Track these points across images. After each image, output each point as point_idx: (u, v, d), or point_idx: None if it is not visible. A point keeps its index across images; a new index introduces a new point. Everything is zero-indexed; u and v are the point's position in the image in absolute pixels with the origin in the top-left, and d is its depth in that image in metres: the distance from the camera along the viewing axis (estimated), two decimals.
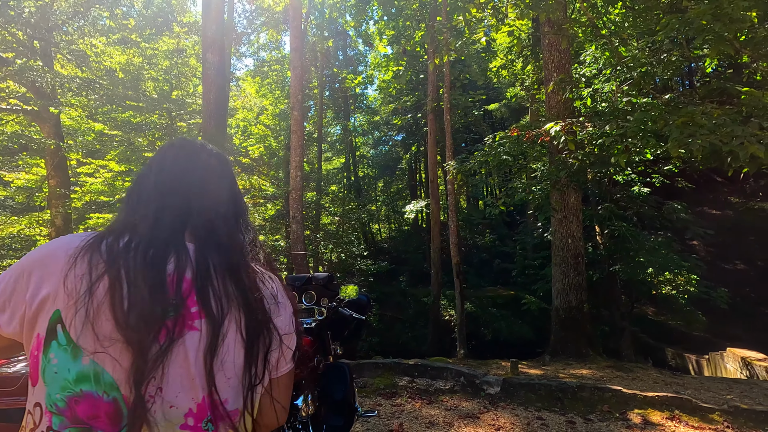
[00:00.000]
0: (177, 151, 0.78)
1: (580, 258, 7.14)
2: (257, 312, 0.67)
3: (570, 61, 7.12)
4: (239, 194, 0.82)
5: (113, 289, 0.58)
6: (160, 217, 0.68)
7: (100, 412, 0.57)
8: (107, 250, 0.62)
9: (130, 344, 0.57)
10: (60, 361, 0.57)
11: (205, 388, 0.61)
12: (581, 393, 3.65)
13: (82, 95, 9.78)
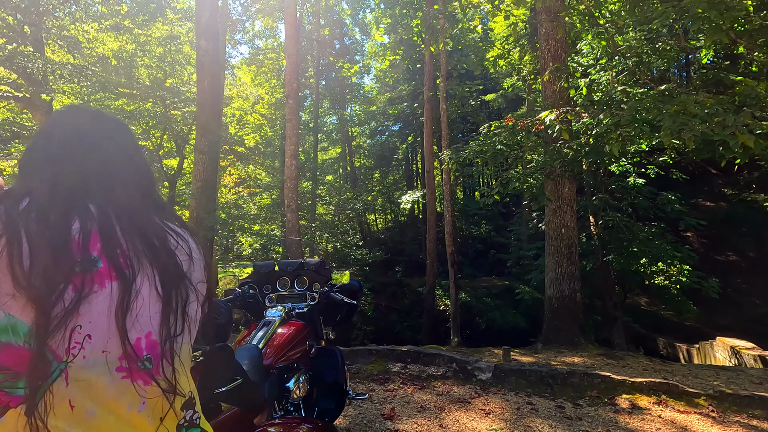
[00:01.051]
0: (66, 118, 0.78)
1: (574, 248, 7.19)
2: (170, 267, 0.70)
3: (566, 51, 7.09)
4: (140, 158, 0.82)
5: (11, 248, 0.58)
6: (57, 182, 0.68)
7: (24, 359, 0.57)
8: (5, 213, 0.61)
9: (32, 302, 0.58)
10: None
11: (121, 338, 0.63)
12: (571, 379, 3.71)
13: (74, 82, 9.64)
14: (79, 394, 0.59)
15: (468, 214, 21.07)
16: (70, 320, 0.59)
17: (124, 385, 0.62)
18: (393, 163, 24.52)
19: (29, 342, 0.58)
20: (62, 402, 0.58)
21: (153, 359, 0.65)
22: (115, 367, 0.62)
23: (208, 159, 8.23)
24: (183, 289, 0.71)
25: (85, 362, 0.60)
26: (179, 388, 0.68)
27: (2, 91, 8.72)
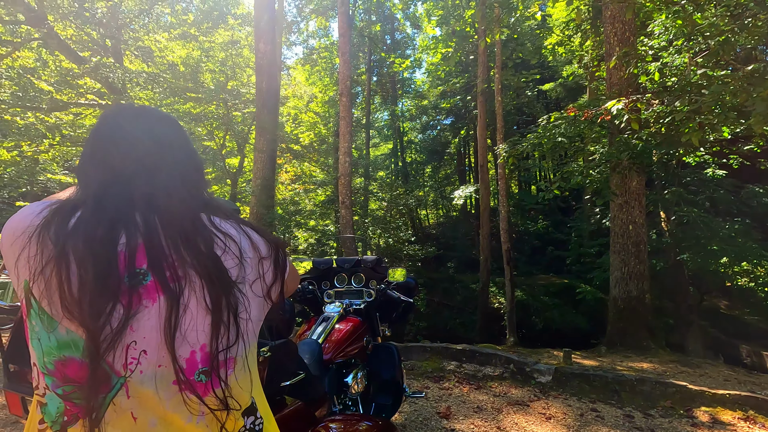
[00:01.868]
0: (110, 119, 0.74)
1: (642, 245, 6.69)
2: (217, 277, 0.65)
3: (635, 33, 6.57)
4: (185, 153, 0.76)
5: (59, 272, 0.58)
6: (102, 192, 0.66)
7: (87, 373, 0.59)
8: (54, 233, 0.61)
9: (81, 326, 0.58)
10: (40, 329, 0.61)
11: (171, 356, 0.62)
12: (641, 386, 3.46)
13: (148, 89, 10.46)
14: (139, 406, 0.61)
15: (524, 209, 20.31)
16: (122, 338, 0.60)
17: (181, 398, 0.62)
18: (445, 157, 24.17)
19: (86, 357, 0.59)
20: (125, 414, 0.60)
21: (210, 372, 0.64)
22: (171, 381, 0.62)
23: (267, 157, 8.59)
24: (232, 298, 0.67)
25: (142, 377, 0.60)
26: (233, 401, 0.66)
27: (88, 100, 9.66)
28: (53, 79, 9.90)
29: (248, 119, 11.35)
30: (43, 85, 9.57)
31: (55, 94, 9.42)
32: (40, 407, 0.63)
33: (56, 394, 0.60)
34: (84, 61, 8.80)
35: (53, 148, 9.45)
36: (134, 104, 0.79)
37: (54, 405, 0.61)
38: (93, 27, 9.56)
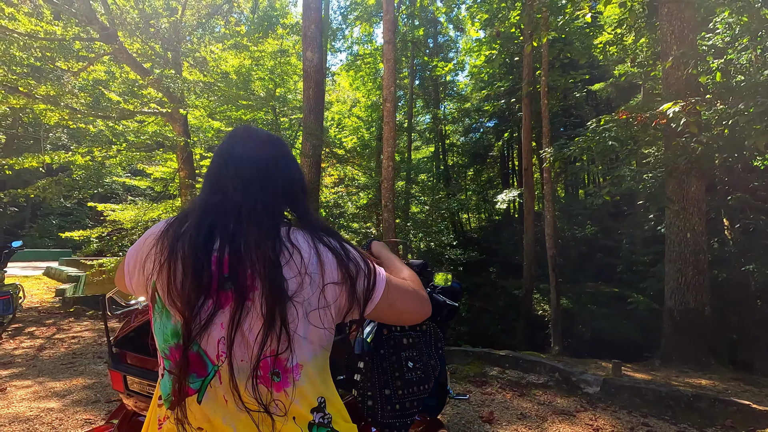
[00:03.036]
0: (228, 141, 0.85)
1: (702, 255, 6.29)
2: (275, 288, 0.70)
3: (694, 31, 6.21)
4: (280, 170, 0.84)
5: (169, 271, 0.71)
6: (206, 204, 0.78)
7: (192, 359, 0.71)
8: (172, 234, 0.74)
9: (180, 312, 0.70)
10: (161, 320, 0.73)
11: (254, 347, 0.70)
12: (698, 403, 3.29)
13: (203, 97, 11.13)
14: (228, 392, 0.70)
15: (570, 214, 19.57)
16: (212, 331, 0.70)
17: (261, 389, 0.70)
18: (488, 160, 23.79)
19: (193, 347, 0.71)
20: (218, 397, 0.71)
21: (281, 373, 0.71)
22: (249, 377, 0.70)
23: (312, 162, 8.88)
24: (285, 312, 0.70)
25: (231, 369, 0.69)
26: (299, 400, 0.73)
27: (151, 108, 10.41)
28: (121, 90, 10.78)
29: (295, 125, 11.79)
30: (112, 96, 10.44)
31: (123, 104, 10.24)
32: (159, 387, 0.76)
33: (171, 373, 0.72)
34: (148, 73, 9.51)
35: (120, 153, 10.26)
36: (249, 127, 0.89)
37: (165, 385, 0.73)
38: (156, 41, 10.31)
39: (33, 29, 8.40)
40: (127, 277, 0.83)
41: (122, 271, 0.86)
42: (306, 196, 0.89)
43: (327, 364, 0.80)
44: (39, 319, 6.89)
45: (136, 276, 0.80)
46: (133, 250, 0.82)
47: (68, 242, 19.81)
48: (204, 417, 0.71)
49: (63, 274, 11.56)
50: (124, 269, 0.84)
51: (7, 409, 3.23)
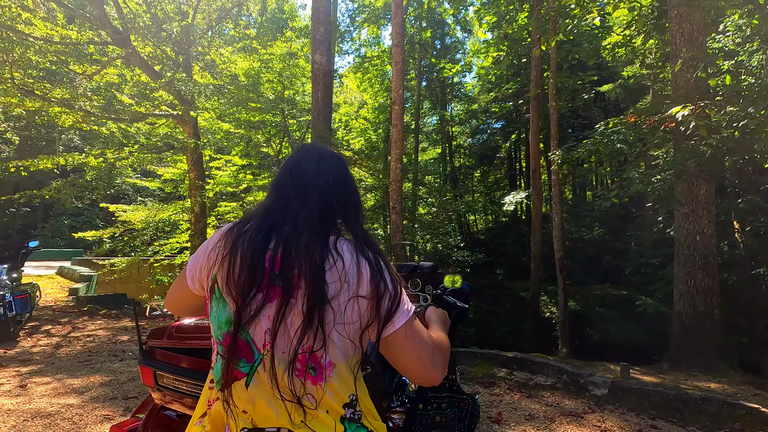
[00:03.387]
0: (295, 156, 0.97)
1: (711, 258, 6.27)
2: (316, 290, 0.76)
3: (704, 33, 6.19)
4: (333, 184, 0.92)
5: (229, 263, 0.80)
6: (269, 209, 0.88)
7: (242, 345, 0.78)
8: (235, 233, 0.84)
9: (233, 300, 0.78)
10: (216, 309, 0.81)
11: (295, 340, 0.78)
12: (706, 406, 3.31)
13: (213, 100, 11.27)
14: (270, 379, 0.77)
15: (578, 216, 19.46)
16: (260, 322, 0.77)
17: (296, 381, 0.76)
18: (495, 162, 23.73)
19: (242, 334, 0.78)
20: (263, 382, 0.77)
21: (317, 368, 0.77)
22: (286, 368, 0.76)
23: None
24: (323, 312, 0.76)
25: (272, 358, 0.76)
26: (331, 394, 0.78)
27: (162, 111, 10.57)
28: (133, 93, 10.96)
29: (303, 126, 11.89)
30: (124, 98, 10.62)
31: (135, 107, 10.41)
32: (212, 371, 0.83)
33: (223, 357, 0.80)
34: (159, 76, 9.66)
35: (131, 155, 10.42)
36: (315, 144, 1.00)
37: (218, 368, 0.80)
38: (167, 44, 10.47)
39: (48, 33, 8.58)
40: (189, 277, 0.90)
41: (180, 284, 0.94)
42: (358, 211, 0.96)
43: (359, 368, 0.85)
44: (54, 318, 7.04)
45: (198, 271, 0.88)
46: (200, 249, 0.90)
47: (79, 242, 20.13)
48: (249, 400, 0.77)
49: (75, 274, 11.76)
50: (185, 275, 0.92)
51: (29, 404, 3.33)
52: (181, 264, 11.01)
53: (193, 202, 10.52)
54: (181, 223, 11.59)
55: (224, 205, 12.07)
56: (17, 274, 5.88)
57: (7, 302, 5.20)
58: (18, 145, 22.85)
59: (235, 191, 12.97)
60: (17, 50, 8.06)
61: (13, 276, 5.73)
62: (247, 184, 12.56)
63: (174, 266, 11.13)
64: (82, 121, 9.67)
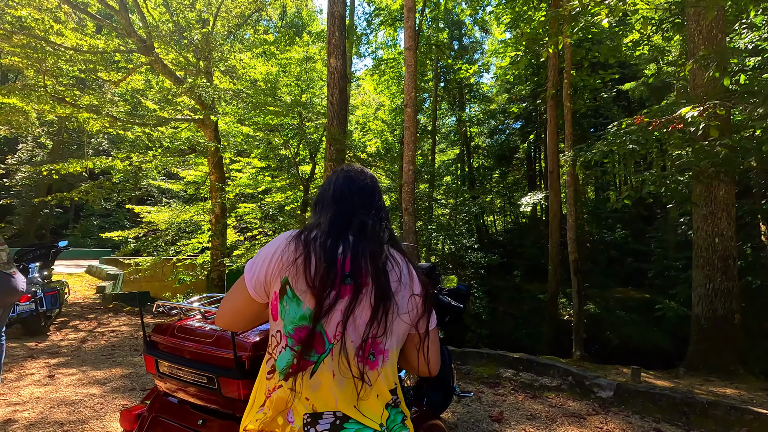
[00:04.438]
0: (344, 174, 1.11)
1: (731, 261, 6.10)
2: (383, 287, 0.92)
3: (724, 31, 6.05)
4: (383, 202, 1.12)
5: (305, 262, 0.91)
6: (334, 219, 1.00)
7: (315, 337, 0.90)
8: (303, 240, 0.95)
9: (314, 297, 0.90)
10: (290, 307, 0.92)
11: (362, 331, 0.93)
12: (713, 410, 3.26)
13: (233, 104, 11.58)
14: (337, 367, 0.89)
15: (599, 217, 19.09)
16: (334, 315, 0.90)
17: (359, 367, 0.90)
18: (514, 162, 23.51)
19: (315, 327, 0.90)
20: (328, 371, 0.89)
21: (375, 354, 0.93)
22: (355, 354, 0.90)
23: (336, 166, 9.11)
24: (388, 305, 0.92)
25: (341, 347, 0.89)
26: (385, 378, 0.95)
27: (184, 115, 10.94)
28: (157, 98, 11.38)
29: (320, 129, 12.07)
30: (149, 104, 11.04)
31: (159, 111, 10.81)
32: (270, 363, 0.94)
33: (292, 350, 0.91)
34: (181, 82, 10.01)
35: (156, 158, 10.82)
36: (356, 165, 1.17)
37: (285, 359, 0.91)
38: (189, 51, 10.83)
39: (78, 43, 9.01)
40: (252, 286, 0.98)
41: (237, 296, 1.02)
42: (389, 221, 1.14)
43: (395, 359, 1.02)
44: (82, 314, 7.40)
45: (265, 276, 0.96)
46: (261, 258, 0.98)
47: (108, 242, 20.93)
48: (313, 387, 0.90)
49: (103, 272, 12.28)
50: (244, 287, 1.00)
51: (56, 393, 3.56)
52: (202, 263, 11.36)
53: (214, 203, 10.84)
54: (203, 223, 11.94)
55: (243, 206, 12.39)
56: (48, 272, 6.22)
57: (38, 298, 5.52)
58: (51, 149, 23.96)
59: (254, 193, 13.29)
60: (50, 60, 8.50)
61: (44, 274, 6.07)
62: (266, 185, 12.85)
63: (195, 266, 11.48)
64: (110, 126, 10.10)
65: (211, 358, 1.30)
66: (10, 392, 3.52)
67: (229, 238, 11.65)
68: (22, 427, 2.88)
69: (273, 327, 0.96)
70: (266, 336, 1.34)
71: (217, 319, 1.08)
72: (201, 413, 1.39)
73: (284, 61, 12.29)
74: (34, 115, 9.83)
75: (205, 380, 1.28)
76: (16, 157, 23.28)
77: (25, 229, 23.04)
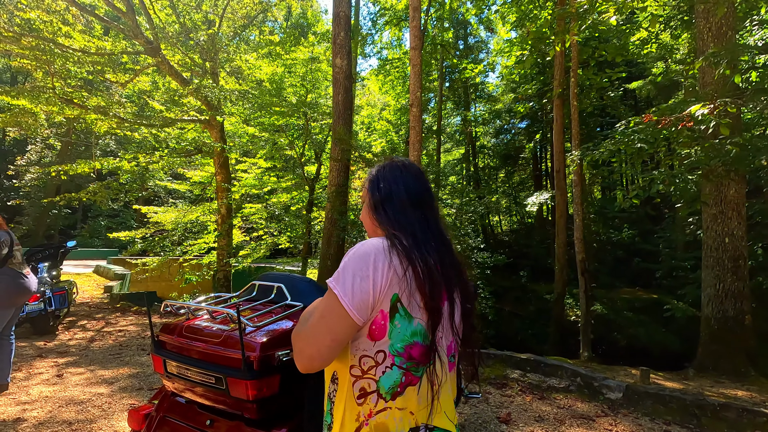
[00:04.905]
0: (415, 171, 1.04)
1: (742, 261, 6.03)
2: (468, 291, 0.96)
3: (734, 28, 5.97)
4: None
5: (416, 276, 0.86)
6: (419, 224, 0.96)
7: (423, 352, 0.88)
8: (401, 247, 0.88)
9: (431, 310, 0.88)
10: (401, 325, 0.87)
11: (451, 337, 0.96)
12: (725, 413, 3.22)
13: (239, 105, 11.62)
14: (436, 376, 0.90)
15: (606, 217, 18.94)
16: (441, 326, 0.91)
17: (448, 373, 0.95)
18: (520, 162, 23.39)
19: (426, 340, 0.88)
20: (428, 381, 0.90)
21: (454, 356, 0.98)
22: (447, 359, 0.94)
23: (341, 166, 9.12)
24: (471, 308, 0.97)
25: (439, 355, 0.91)
26: (451, 379, 0.97)
27: (190, 116, 11.00)
28: (163, 99, 11.44)
29: (325, 129, 12.09)
30: (155, 105, 11.11)
31: (165, 112, 10.87)
32: (361, 385, 0.88)
33: (400, 368, 0.87)
34: (187, 82, 10.06)
35: (162, 159, 10.88)
36: (410, 162, 1.07)
37: (391, 378, 0.87)
38: (195, 52, 10.89)
39: (86, 45, 9.08)
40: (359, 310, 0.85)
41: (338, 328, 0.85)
42: None
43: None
44: (90, 313, 7.46)
45: (374, 297, 0.85)
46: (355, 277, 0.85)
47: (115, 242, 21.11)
48: (419, 401, 0.89)
49: (111, 272, 12.37)
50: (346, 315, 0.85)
51: (64, 392, 3.58)
52: (208, 264, 11.40)
53: (220, 203, 10.88)
54: (209, 224, 12.00)
55: (249, 206, 12.42)
56: (56, 272, 6.27)
57: (47, 298, 5.57)
58: (59, 150, 24.19)
59: (260, 193, 13.32)
60: (58, 62, 8.58)
61: (53, 274, 6.12)
62: (271, 186, 12.88)
63: (201, 266, 11.53)
64: (117, 127, 10.17)
65: (219, 358, 1.29)
66: (19, 391, 3.55)
67: (235, 239, 11.70)
68: (31, 426, 2.90)
69: (370, 347, 0.87)
70: (274, 336, 1.33)
71: (306, 363, 0.87)
72: (209, 413, 1.39)
73: (289, 62, 12.33)
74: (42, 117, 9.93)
75: (213, 380, 1.27)
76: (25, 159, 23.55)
77: (34, 230, 23.29)
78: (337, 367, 0.92)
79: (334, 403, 0.92)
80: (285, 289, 1.66)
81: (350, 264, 0.86)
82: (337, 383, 0.92)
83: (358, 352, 0.88)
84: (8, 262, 3.27)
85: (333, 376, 0.93)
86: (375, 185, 1.02)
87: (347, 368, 0.89)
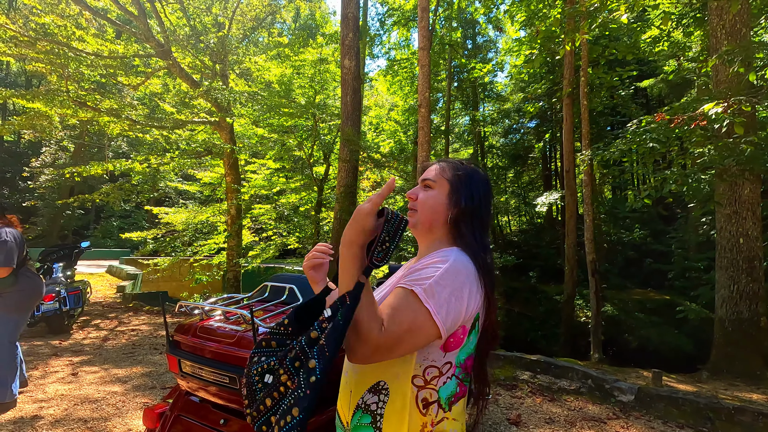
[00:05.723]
0: (487, 183, 1.05)
1: (757, 262, 5.93)
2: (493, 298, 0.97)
3: (748, 24, 5.88)
4: None
5: (490, 297, 0.92)
6: (489, 250, 0.98)
7: (473, 363, 0.94)
8: (487, 275, 0.91)
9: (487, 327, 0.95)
10: (473, 339, 0.92)
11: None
12: (740, 416, 3.17)
13: (248, 106, 11.72)
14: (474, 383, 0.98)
15: (617, 217, 18.74)
16: None
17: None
18: (529, 162, 23.24)
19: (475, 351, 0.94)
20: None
21: None
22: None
23: (349, 166, 9.14)
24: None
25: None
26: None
27: (200, 118, 11.11)
28: (174, 101, 11.58)
29: (333, 130, 12.13)
30: (166, 107, 11.24)
31: (176, 114, 11.00)
32: (423, 395, 0.87)
33: (457, 378, 0.90)
34: (198, 85, 10.16)
35: (173, 160, 11.01)
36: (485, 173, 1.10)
37: (449, 389, 0.89)
38: (205, 54, 11.01)
39: (99, 48, 9.23)
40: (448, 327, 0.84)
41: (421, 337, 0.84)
42: None
43: None
44: (103, 313, 7.57)
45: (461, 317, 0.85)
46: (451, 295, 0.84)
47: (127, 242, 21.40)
48: (465, 410, 0.95)
49: (123, 272, 12.55)
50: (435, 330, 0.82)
51: (79, 390, 3.65)
52: (218, 264, 11.51)
53: (230, 204, 10.98)
54: (219, 224, 12.11)
55: (258, 207, 12.51)
56: (71, 272, 6.38)
57: (62, 297, 5.67)
58: (73, 152, 24.61)
59: (269, 194, 13.41)
60: (72, 65, 8.73)
61: (68, 274, 6.23)
62: (280, 186, 12.96)
63: (211, 266, 11.64)
64: (129, 129, 10.32)
65: (232, 358, 1.31)
66: (36, 389, 3.62)
67: (244, 239, 11.79)
68: (48, 424, 2.96)
69: (440, 357, 0.87)
70: None
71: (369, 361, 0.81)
72: (223, 413, 1.41)
73: (298, 63, 12.39)
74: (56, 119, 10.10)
75: (227, 380, 1.29)
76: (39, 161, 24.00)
77: (48, 230, 23.70)
78: (386, 377, 0.87)
79: (382, 415, 0.86)
80: (297, 290, 1.67)
81: (447, 281, 0.84)
82: (386, 394, 0.86)
83: (425, 363, 0.87)
84: (26, 262, 3.34)
85: (376, 387, 0.87)
86: (468, 189, 0.99)
87: (408, 378, 0.86)
